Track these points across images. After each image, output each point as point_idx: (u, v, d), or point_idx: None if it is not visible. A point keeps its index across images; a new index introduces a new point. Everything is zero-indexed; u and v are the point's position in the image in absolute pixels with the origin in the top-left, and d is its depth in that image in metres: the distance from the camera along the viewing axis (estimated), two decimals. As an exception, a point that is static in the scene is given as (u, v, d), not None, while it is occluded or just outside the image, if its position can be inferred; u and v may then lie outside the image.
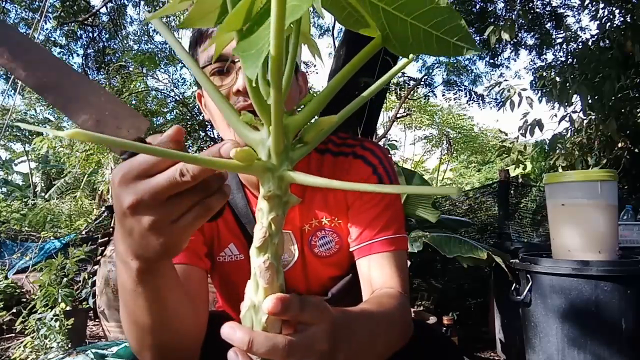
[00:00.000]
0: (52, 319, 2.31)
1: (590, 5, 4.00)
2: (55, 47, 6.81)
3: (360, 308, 0.66)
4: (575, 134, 3.77)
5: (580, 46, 3.84)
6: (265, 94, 0.42)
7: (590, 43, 3.68)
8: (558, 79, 3.49)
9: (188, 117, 5.13)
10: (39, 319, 2.35)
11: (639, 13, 3.27)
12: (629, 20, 3.48)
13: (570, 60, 3.78)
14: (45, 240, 4.37)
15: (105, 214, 4.67)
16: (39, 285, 2.62)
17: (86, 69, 6.67)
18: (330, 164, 0.85)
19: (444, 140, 12.67)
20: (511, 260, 2.00)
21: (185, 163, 0.41)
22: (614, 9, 3.63)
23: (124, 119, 0.46)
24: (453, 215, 3.49)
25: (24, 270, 3.79)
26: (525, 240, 3.23)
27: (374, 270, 0.79)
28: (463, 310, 2.88)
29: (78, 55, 7.01)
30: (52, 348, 2.25)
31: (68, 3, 5.83)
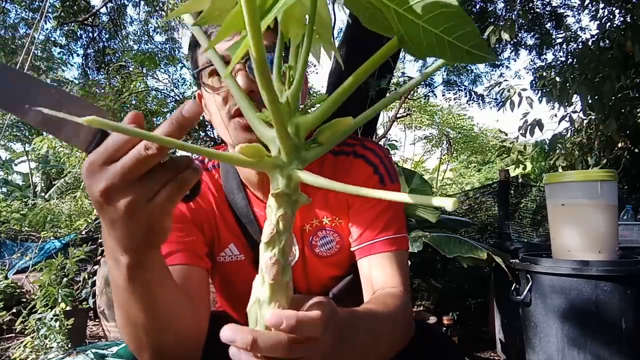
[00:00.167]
0: (52, 319, 2.31)
1: (590, 5, 4.00)
2: (55, 47, 6.82)
3: (366, 308, 0.66)
4: (575, 134, 3.77)
5: (580, 46, 3.84)
6: (279, 92, 0.42)
7: (590, 43, 3.68)
8: (558, 79, 3.49)
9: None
10: (39, 319, 2.35)
11: (639, 13, 3.27)
12: (629, 20, 3.48)
13: (570, 60, 3.78)
14: (45, 240, 4.36)
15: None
16: (39, 285, 2.62)
17: (86, 69, 6.68)
18: (330, 163, 0.85)
19: (444, 140, 12.66)
20: (511, 260, 2.00)
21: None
22: (614, 9, 3.63)
23: (81, 114, 0.45)
24: (453, 215, 3.48)
25: (24, 270, 3.79)
26: (525, 240, 3.23)
27: (375, 270, 0.79)
28: (463, 310, 2.88)
29: (78, 55, 7.02)
30: (52, 348, 2.25)
31: (68, 3, 5.83)
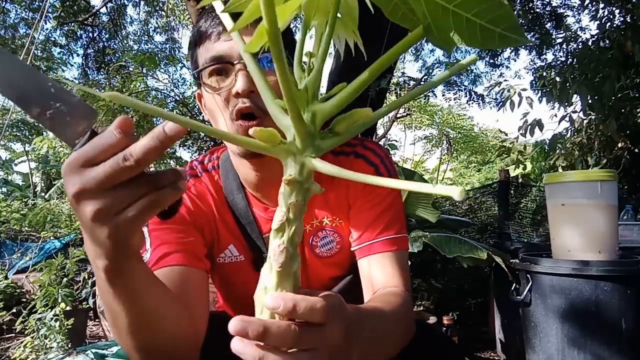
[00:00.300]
0: (52, 319, 2.31)
1: (590, 5, 4.00)
2: (55, 47, 6.82)
3: (370, 306, 0.66)
4: (575, 134, 3.77)
5: (580, 46, 3.84)
6: (299, 79, 0.42)
7: (590, 43, 3.68)
8: (558, 79, 3.49)
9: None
10: (39, 319, 2.35)
11: (639, 13, 3.27)
12: (629, 20, 3.48)
13: (570, 60, 3.78)
14: (45, 240, 4.36)
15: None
16: (39, 285, 2.62)
17: (86, 69, 6.68)
18: (331, 163, 0.84)
19: (444, 140, 12.66)
20: (511, 260, 2.00)
21: (130, 148, 0.40)
22: (614, 9, 3.63)
23: (74, 110, 0.46)
24: (453, 215, 3.49)
25: (24, 270, 3.79)
26: (525, 240, 3.23)
27: (376, 270, 0.79)
28: (463, 310, 2.88)
29: (78, 55, 7.02)
30: (52, 348, 2.25)
31: (68, 3, 5.83)
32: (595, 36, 3.76)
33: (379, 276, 0.78)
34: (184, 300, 0.66)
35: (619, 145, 3.56)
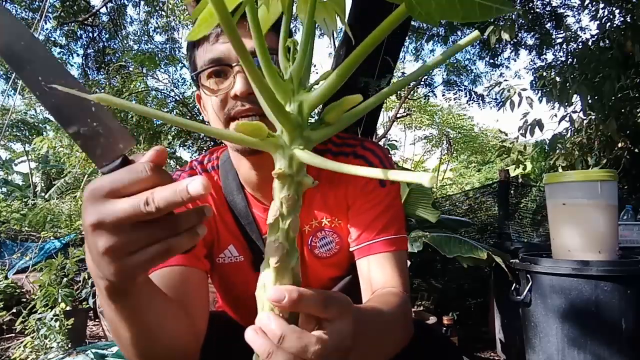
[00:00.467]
0: (52, 319, 2.31)
1: (590, 5, 4.00)
2: (55, 47, 6.81)
3: (370, 306, 0.66)
4: (575, 134, 3.77)
5: (580, 46, 3.83)
6: (284, 69, 0.41)
7: (590, 43, 3.67)
8: (558, 79, 3.49)
9: (188, 117, 5.13)
10: (39, 319, 2.35)
11: (639, 13, 3.27)
12: (629, 20, 3.48)
13: (570, 60, 3.78)
14: (45, 240, 4.36)
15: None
16: (39, 285, 2.62)
17: (86, 69, 6.68)
18: None
19: (444, 140, 12.66)
20: (511, 260, 2.00)
21: (154, 192, 0.38)
22: (614, 9, 3.63)
23: (111, 133, 0.44)
24: (453, 215, 3.49)
25: (24, 270, 3.79)
26: (525, 240, 3.23)
27: (375, 270, 0.79)
28: (463, 310, 2.88)
29: (78, 55, 7.02)
30: (52, 348, 2.25)
31: (68, 3, 5.83)
32: (595, 36, 3.76)
33: (378, 277, 0.78)
34: (183, 300, 0.66)
35: (619, 145, 3.56)
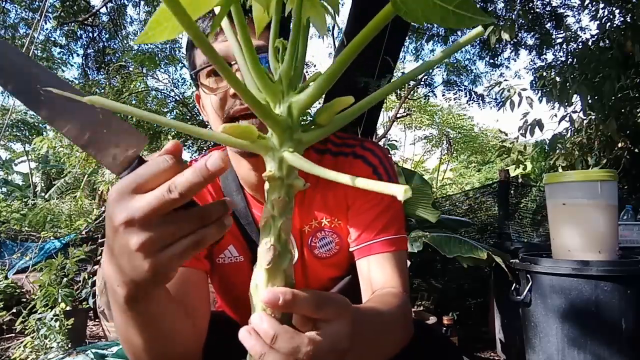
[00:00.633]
0: (52, 319, 2.31)
1: (590, 5, 4.00)
2: (55, 47, 6.81)
3: (369, 306, 0.66)
4: (575, 134, 3.77)
5: (580, 46, 3.83)
6: (274, 70, 0.41)
7: (590, 43, 3.67)
8: (558, 79, 3.48)
9: (188, 117, 5.12)
10: (39, 319, 2.35)
11: (639, 13, 3.27)
12: (629, 20, 3.48)
13: (570, 60, 3.77)
14: (45, 240, 4.36)
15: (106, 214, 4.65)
16: (39, 285, 2.62)
17: (86, 69, 6.67)
18: (329, 164, 0.84)
19: (444, 140, 12.65)
20: (511, 260, 2.00)
21: (175, 179, 0.39)
22: (614, 9, 3.63)
23: (122, 137, 0.45)
24: (453, 215, 3.49)
25: (24, 270, 3.79)
26: (525, 240, 3.23)
27: (375, 270, 0.79)
28: (463, 310, 2.88)
29: (78, 55, 7.01)
30: (52, 348, 2.25)
31: (68, 3, 5.83)
32: (595, 36, 3.76)
33: (378, 277, 0.78)
34: (184, 301, 0.66)
35: (619, 145, 3.56)
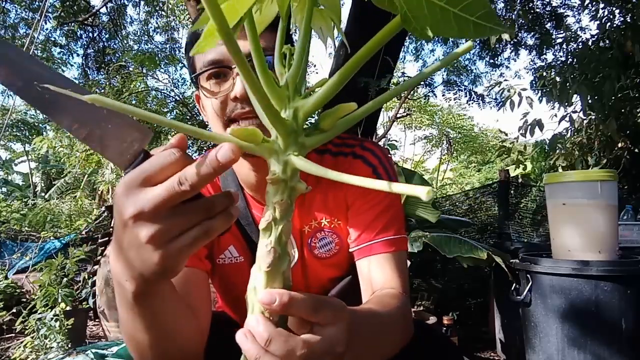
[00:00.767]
0: (52, 319, 2.32)
1: (590, 5, 4.00)
2: (55, 47, 6.81)
3: (366, 308, 0.66)
4: (575, 134, 3.77)
5: (580, 46, 3.83)
6: (280, 75, 0.42)
7: (590, 43, 3.67)
8: (558, 79, 3.49)
9: (188, 117, 5.12)
10: (39, 319, 2.35)
11: (639, 13, 3.27)
12: (629, 20, 3.48)
13: (570, 60, 3.78)
14: (45, 240, 4.37)
15: (105, 214, 4.67)
16: (39, 285, 2.62)
17: (86, 69, 6.67)
18: (329, 164, 0.84)
19: (444, 140, 12.65)
20: (511, 260, 2.00)
21: (185, 171, 0.39)
22: (614, 9, 3.63)
23: (128, 131, 0.45)
24: (453, 215, 3.49)
25: (24, 270, 3.79)
26: (525, 240, 3.23)
27: (375, 271, 0.79)
28: (463, 310, 2.88)
29: (78, 55, 7.01)
30: (52, 348, 2.25)
31: (68, 3, 5.83)
32: (595, 36, 3.76)
33: (378, 277, 0.78)
34: (186, 300, 0.66)
35: (619, 145, 3.56)
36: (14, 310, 2.91)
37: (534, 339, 1.81)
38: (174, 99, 5.44)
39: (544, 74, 3.88)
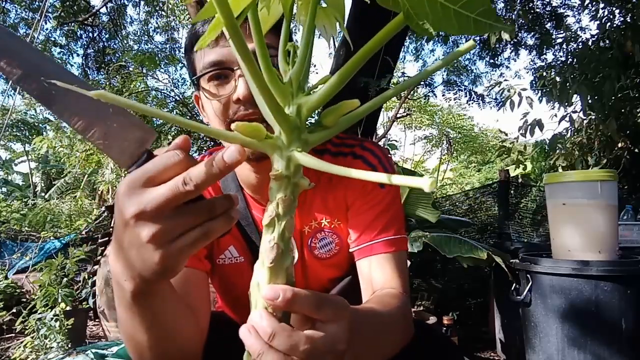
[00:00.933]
0: (52, 319, 2.32)
1: (590, 5, 4.00)
2: (55, 47, 6.81)
3: (367, 307, 0.66)
4: (575, 134, 3.77)
5: (580, 46, 3.83)
6: (284, 72, 0.42)
7: (590, 43, 3.67)
8: (558, 79, 3.49)
9: (188, 117, 5.12)
10: (39, 319, 2.35)
11: (639, 13, 3.27)
12: (629, 20, 3.48)
13: (570, 60, 3.78)
14: (45, 240, 4.37)
15: (105, 214, 4.67)
16: (39, 285, 2.62)
17: (86, 69, 6.67)
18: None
19: (444, 140, 12.65)
20: (511, 260, 2.00)
21: (190, 172, 0.40)
22: (614, 9, 3.63)
23: (131, 130, 0.45)
24: (453, 215, 3.49)
25: (24, 270, 3.79)
26: (525, 240, 3.23)
27: (375, 271, 0.79)
28: (463, 310, 2.88)
29: (78, 55, 7.01)
30: (52, 348, 2.25)
31: (68, 3, 5.83)
32: (595, 36, 3.76)
33: (378, 277, 0.78)
34: (186, 301, 0.67)
35: (619, 145, 3.56)
36: (14, 310, 2.91)
37: (534, 339, 1.81)
38: (174, 99, 5.43)
39: (544, 74, 3.88)
